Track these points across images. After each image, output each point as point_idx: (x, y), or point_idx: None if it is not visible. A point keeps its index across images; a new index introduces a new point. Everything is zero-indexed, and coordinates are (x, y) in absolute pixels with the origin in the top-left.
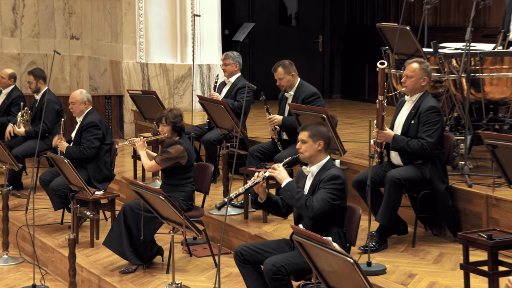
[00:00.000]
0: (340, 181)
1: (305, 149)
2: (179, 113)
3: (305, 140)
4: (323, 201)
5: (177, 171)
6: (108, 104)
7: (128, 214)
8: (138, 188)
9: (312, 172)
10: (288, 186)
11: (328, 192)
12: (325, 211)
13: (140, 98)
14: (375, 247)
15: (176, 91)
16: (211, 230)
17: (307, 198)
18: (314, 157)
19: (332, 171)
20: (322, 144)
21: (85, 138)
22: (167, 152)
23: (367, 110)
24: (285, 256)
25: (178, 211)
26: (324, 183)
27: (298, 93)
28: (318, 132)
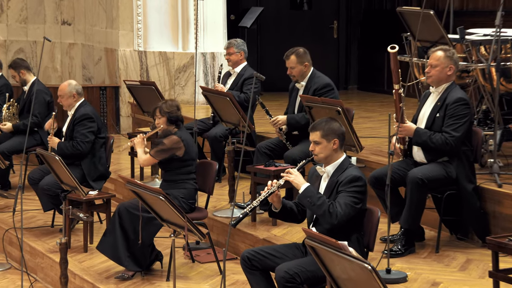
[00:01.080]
0: (361, 182)
1: (319, 151)
2: (174, 104)
3: (318, 141)
4: (347, 206)
5: (174, 165)
6: (103, 96)
7: (124, 216)
8: (136, 187)
9: (328, 173)
10: (308, 192)
11: (350, 195)
12: (349, 216)
13: (138, 89)
14: (401, 251)
15: (177, 81)
16: (216, 233)
17: (330, 204)
18: (330, 157)
19: (351, 172)
20: (337, 142)
21: (78, 132)
22: (161, 143)
23: (386, 103)
24: (299, 263)
25: (180, 212)
26: (344, 185)
27: (310, 84)
28: (331, 130)
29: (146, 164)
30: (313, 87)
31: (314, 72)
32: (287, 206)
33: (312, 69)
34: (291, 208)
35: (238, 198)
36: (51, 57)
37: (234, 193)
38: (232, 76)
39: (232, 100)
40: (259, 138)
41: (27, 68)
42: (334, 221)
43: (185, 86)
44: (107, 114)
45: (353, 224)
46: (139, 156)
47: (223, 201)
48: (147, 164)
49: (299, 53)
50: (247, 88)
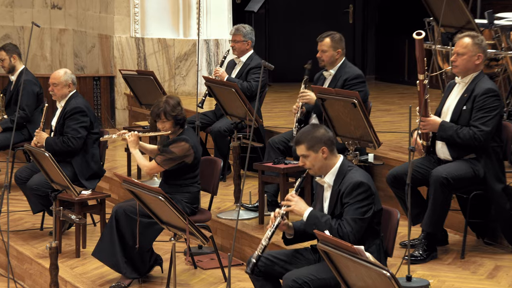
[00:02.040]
0: (365, 187)
1: (310, 164)
2: (176, 102)
3: (305, 155)
4: (356, 221)
5: (181, 171)
6: (97, 87)
7: (121, 218)
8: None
9: (329, 183)
10: (311, 219)
11: (355, 207)
12: (361, 230)
13: (135, 80)
14: (423, 256)
15: (178, 71)
16: (220, 237)
17: (337, 227)
18: (324, 167)
19: (351, 177)
20: (326, 150)
21: (69, 126)
22: (170, 152)
23: (407, 94)
24: (309, 270)
25: (181, 214)
26: (347, 196)
27: (339, 73)
28: (315, 140)
29: (152, 173)
30: (344, 77)
31: (346, 62)
32: (300, 229)
33: (344, 58)
34: (304, 229)
35: (245, 198)
36: (40, 44)
37: (240, 193)
38: (237, 66)
39: (237, 91)
40: (267, 133)
41: (19, 54)
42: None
43: (186, 76)
44: (101, 107)
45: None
46: (139, 161)
47: (228, 201)
48: (153, 173)
49: (334, 37)
50: (251, 77)
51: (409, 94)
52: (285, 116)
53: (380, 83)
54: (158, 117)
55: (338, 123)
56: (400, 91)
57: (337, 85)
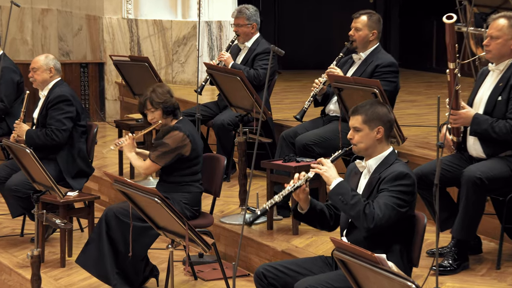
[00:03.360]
0: (409, 181)
1: (359, 139)
2: (165, 89)
3: (358, 128)
4: (387, 207)
5: (178, 166)
6: (84, 75)
7: (112, 223)
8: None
9: (369, 168)
10: (340, 188)
11: (393, 195)
12: (390, 221)
13: (127, 67)
14: (453, 266)
15: (176, 57)
16: (223, 244)
17: (366, 203)
18: (372, 148)
19: (397, 167)
20: (382, 131)
21: (53, 117)
22: (163, 145)
23: (434, 83)
24: (324, 278)
25: (180, 218)
26: (387, 183)
27: (371, 58)
28: (376, 115)
29: (149, 173)
30: (376, 63)
31: (379, 48)
32: (317, 207)
33: (379, 44)
34: (321, 210)
35: (251, 201)
36: (20, 27)
37: (246, 195)
38: (242, 52)
39: (243, 80)
40: (277, 127)
41: None
42: (370, 225)
43: (185, 62)
44: (89, 97)
45: (398, 233)
46: (136, 164)
47: (233, 204)
48: (150, 172)
49: (372, 16)
50: (258, 64)
51: (437, 83)
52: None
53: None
54: (145, 107)
55: None
56: (427, 79)
57: (366, 71)
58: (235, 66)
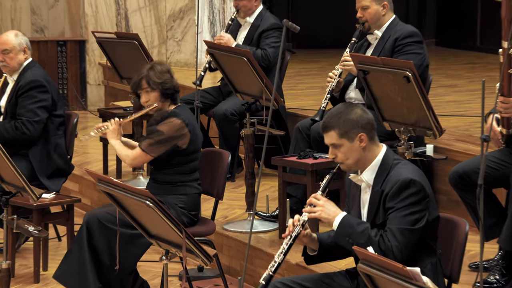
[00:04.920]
0: (416, 187)
1: (343, 156)
2: (166, 68)
3: (337, 144)
4: (402, 232)
5: (174, 161)
6: (62, 55)
7: (95, 230)
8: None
9: (367, 181)
10: (344, 227)
11: (403, 214)
12: (410, 245)
13: (113, 45)
14: (500, 283)
15: (171, 34)
16: (227, 255)
17: (379, 239)
18: (362, 160)
19: (398, 173)
20: (365, 137)
21: (24, 107)
22: (157, 132)
23: (479, 65)
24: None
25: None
26: (392, 199)
27: (388, 33)
28: (350, 124)
29: (136, 164)
30: (394, 36)
31: (396, 20)
32: (327, 243)
33: (394, 16)
34: (333, 242)
35: (260, 204)
36: None
37: (255, 197)
38: (243, 29)
39: (250, 60)
40: (291, 117)
41: None
42: (391, 259)
43: (181, 40)
44: (67, 82)
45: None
46: (121, 153)
47: (238, 208)
48: (137, 163)
49: None
50: (266, 42)
51: (482, 64)
52: (315, 94)
53: (442, 50)
54: (139, 86)
55: (386, 103)
56: (470, 60)
57: (385, 47)
58: (239, 47)
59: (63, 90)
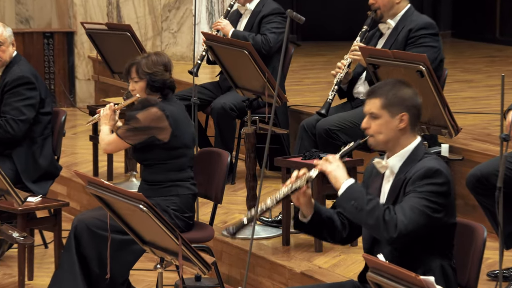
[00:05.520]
0: (441, 178)
1: (377, 129)
2: (161, 60)
3: (376, 114)
4: (413, 210)
5: (156, 155)
6: (49, 48)
7: (84, 236)
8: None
9: (392, 168)
10: (352, 192)
11: (422, 197)
12: (417, 227)
13: (104, 37)
14: None
15: (166, 25)
16: (227, 264)
17: (386, 208)
18: (394, 141)
19: (426, 163)
20: (407, 119)
21: (9, 104)
22: (134, 119)
23: (498, 58)
24: None
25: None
26: (413, 183)
27: (402, 23)
28: (399, 98)
29: (111, 150)
30: (408, 27)
31: (412, 10)
32: (322, 214)
33: (410, 5)
34: (329, 218)
35: None
36: None
37: (256, 201)
38: (244, 17)
39: (251, 53)
40: (294, 114)
41: None
42: (393, 234)
43: (178, 32)
44: (54, 76)
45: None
46: (102, 137)
47: (238, 213)
48: (111, 149)
49: None
50: (266, 27)
51: (502, 57)
52: (320, 90)
53: (458, 42)
54: (128, 73)
55: None
56: (488, 53)
57: (398, 39)
58: (237, 34)
59: (50, 86)
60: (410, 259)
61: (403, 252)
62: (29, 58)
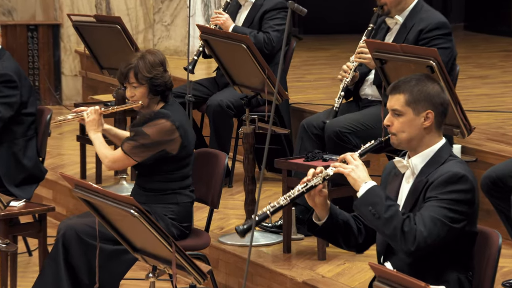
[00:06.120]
0: (466, 185)
1: (400, 127)
2: (158, 59)
3: (399, 111)
4: (434, 222)
5: (163, 168)
6: (33, 41)
7: (72, 244)
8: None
9: (414, 168)
10: (371, 196)
11: (443, 205)
12: (438, 240)
13: (92, 30)
14: None
15: (159, 17)
16: (224, 272)
17: (405, 218)
18: (418, 140)
19: (450, 167)
20: (432, 117)
21: None
22: (143, 135)
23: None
24: None
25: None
26: (435, 189)
27: (411, 20)
28: (424, 95)
29: (116, 168)
30: (419, 27)
31: (421, 4)
32: (339, 217)
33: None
34: (345, 222)
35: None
36: None
37: (255, 206)
38: (244, 9)
39: (250, 48)
40: (296, 113)
41: None
42: (411, 246)
43: (171, 25)
44: (39, 72)
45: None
46: (100, 151)
47: (236, 218)
48: (118, 167)
49: None
50: (269, 24)
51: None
52: (324, 87)
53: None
54: (126, 78)
55: None
56: (504, 47)
57: (408, 39)
58: (237, 30)
59: (34, 82)
60: (425, 270)
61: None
62: (12, 52)
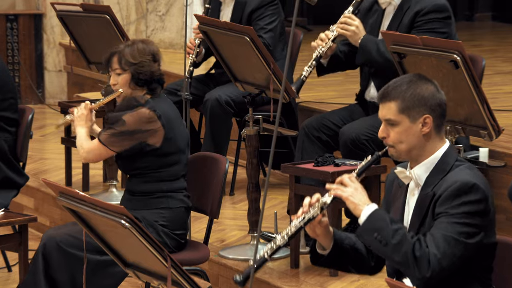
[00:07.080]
0: (478, 195)
1: (397, 138)
2: (148, 49)
3: (393, 121)
4: (448, 241)
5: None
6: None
7: (54, 256)
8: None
9: (417, 179)
10: (374, 221)
11: (455, 221)
12: (453, 260)
13: (78, 21)
14: None
15: (152, 6)
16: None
17: (415, 241)
18: (418, 149)
19: (458, 175)
20: (431, 122)
21: None
22: (119, 122)
23: None
24: None
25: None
26: (445, 203)
27: (407, 3)
28: (418, 98)
29: (91, 159)
30: (414, 9)
31: None
32: (344, 243)
33: None
34: (352, 247)
35: (266, 224)
36: None
37: (260, 216)
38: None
39: (254, 40)
40: (305, 112)
41: None
42: (426, 273)
43: (166, 14)
44: (20, 67)
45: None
46: (80, 143)
47: (238, 230)
48: (92, 158)
49: None
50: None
51: None
52: (336, 84)
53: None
54: (109, 64)
55: None
56: None
57: (403, 23)
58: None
59: (14, 78)
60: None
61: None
62: None
